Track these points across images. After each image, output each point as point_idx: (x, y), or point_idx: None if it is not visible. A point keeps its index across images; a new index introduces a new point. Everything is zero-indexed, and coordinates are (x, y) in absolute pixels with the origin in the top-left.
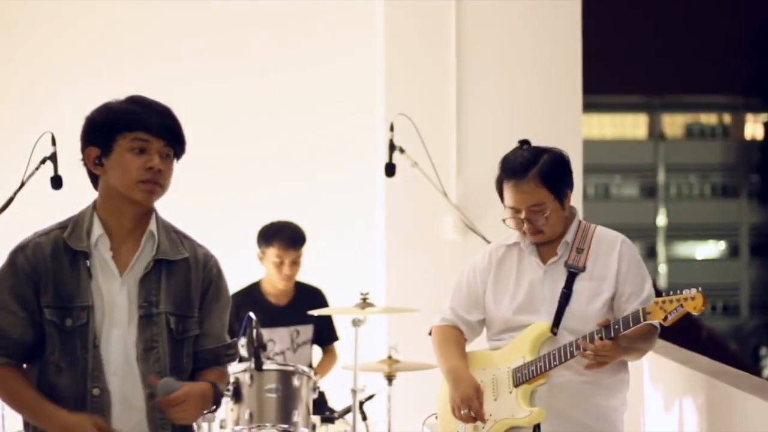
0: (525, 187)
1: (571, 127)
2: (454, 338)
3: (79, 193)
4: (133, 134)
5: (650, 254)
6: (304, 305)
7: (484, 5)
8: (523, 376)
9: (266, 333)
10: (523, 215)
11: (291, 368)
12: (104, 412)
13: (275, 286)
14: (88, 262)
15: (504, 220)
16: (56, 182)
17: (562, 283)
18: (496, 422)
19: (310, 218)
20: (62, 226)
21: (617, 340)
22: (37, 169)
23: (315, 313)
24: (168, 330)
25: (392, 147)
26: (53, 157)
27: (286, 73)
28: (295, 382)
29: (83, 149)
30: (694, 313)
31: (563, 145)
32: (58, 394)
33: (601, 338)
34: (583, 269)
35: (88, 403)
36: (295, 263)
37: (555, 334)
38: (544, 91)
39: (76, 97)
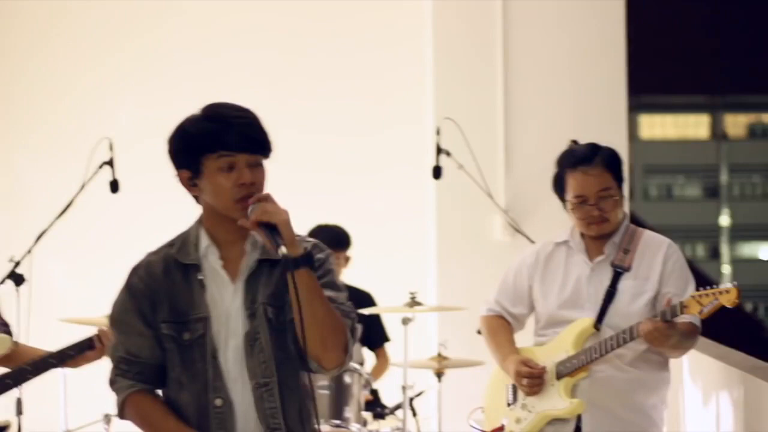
0: (593, 171)
1: (617, 128)
2: (502, 328)
3: (135, 197)
4: (217, 154)
5: (713, 255)
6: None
7: (530, 8)
8: (565, 369)
9: None
10: (591, 201)
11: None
12: (227, 423)
13: None
14: (199, 274)
15: (571, 211)
16: (113, 186)
17: (607, 282)
18: (538, 414)
19: (360, 221)
20: (170, 244)
21: (669, 327)
22: (95, 173)
23: (365, 312)
24: (267, 320)
25: (439, 150)
26: (111, 162)
27: (336, 78)
28: (347, 379)
29: (176, 171)
30: (729, 306)
31: (610, 146)
32: (181, 410)
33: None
34: (629, 269)
35: (211, 415)
36: (341, 266)
37: (598, 330)
38: (590, 93)
39: (133, 105)
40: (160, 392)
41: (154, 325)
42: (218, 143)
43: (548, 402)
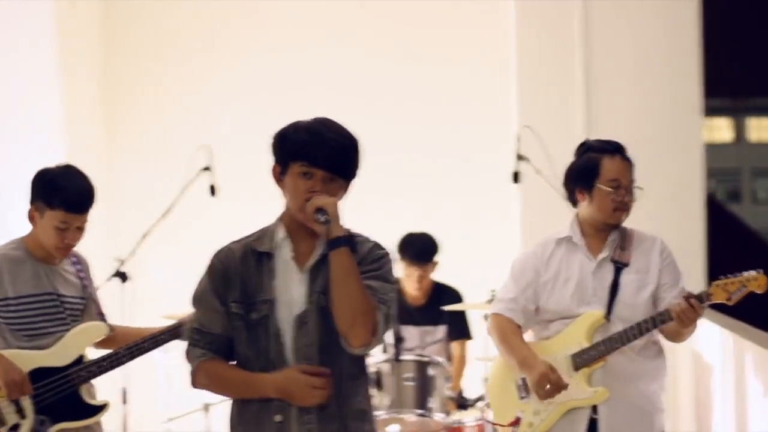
0: (627, 163)
1: (693, 132)
2: (511, 330)
3: (233, 201)
4: (300, 163)
5: None
6: (438, 305)
7: (609, 18)
8: (583, 361)
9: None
10: (624, 186)
11: (427, 359)
12: (285, 403)
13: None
14: (271, 262)
15: (604, 195)
16: (212, 190)
17: (610, 276)
18: (558, 405)
19: (446, 223)
20: (251, 235)
21: (700, 308)
22: (195, 178)
23: (449, 308)
24: (318, 307)
25: (519, 156)
26: (210, 168)
27: (422, 86)
28: (431, 371)
29: (273, 163)
30: (759, 292)
31: (686, 150)
32: None
33: (688, 302)
34: (628, 264)
35: (272, 425)
36: (422, 277)
37: (608, 321)
38: (667, 99)
39: (231, 113)
40: None
41: (226, 304)
42: (305, 155)
43: (570, 392)
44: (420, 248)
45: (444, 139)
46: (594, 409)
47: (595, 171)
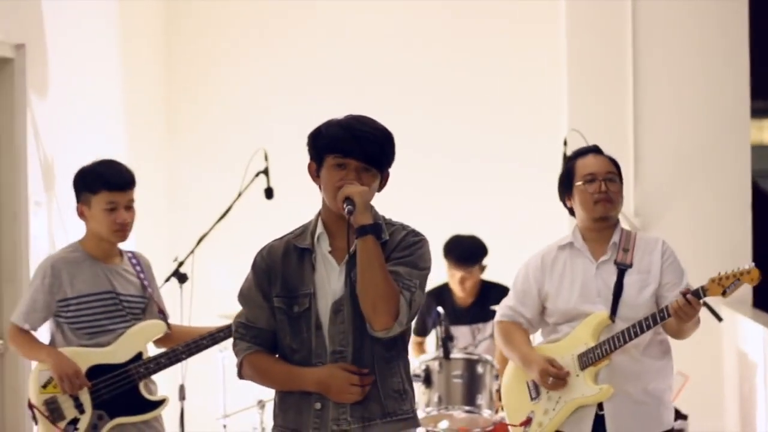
0: (602, 158)
1: (741, 135)
2: (515, 330)
3: (288, 203)
4: (334, 155)
5: None
6: (488, 303)
7: (658, 22)
8: (588, 360)
9: (451, 330)
10: (600, 178)
11: (475, 357)
12: (323, 424)
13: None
14: (311, 257)
15: (581, 192)
16: (268, 193)
17: (613, 278)
18: (566, 403)
19: (496, 226)
20: (292, 232)
21: (697, 304)
22: (252, 181)
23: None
24: (353, 295)
25: (566, 159)
26: (266, 171)
27: (471, 91)
28: (479, 369)
29: (309, 161)
30: (751, 285)
31: (733, 152)
32: None
33: (685, 298)
34: (631, 265)
35: (312, 412)
36: (464, 279)
37: (613, 321)
38: (715, 100)
39: (286, 118)
40: None
41: (270, 299)
42: (337, 147)
43: (576, 391)
44: (463, 251)
45: (495, 141)
46: (600, 405)
47: (572, 173)
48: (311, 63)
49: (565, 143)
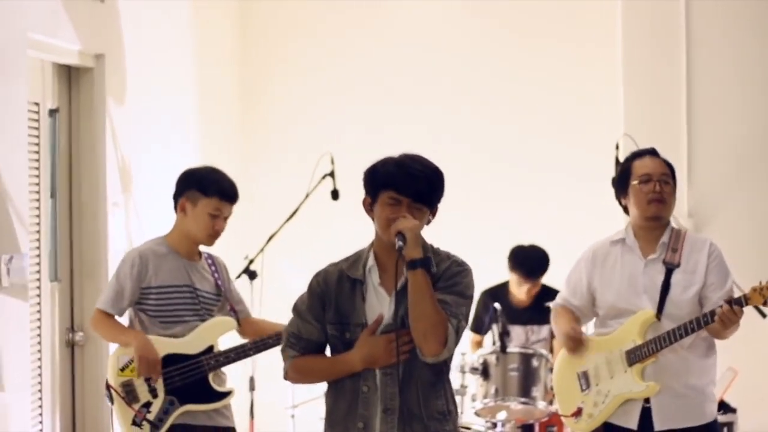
0: (658, 160)
1: None
2: (565, 314)
3: (354, 205)
4: (388, 192)
5: None
6: (543, 306)
7: (712, 25)
8: (636, 357)
9: None
10: (655, 179)
11: (531, 351)
12: (370, 404)
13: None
14: (362, 288)
15: (636, 192)
16: (334, 195)
17: (661, 277)
18: (615, 397)
19: (552, 230)
20: (348, 259)
21: (740, 311)
22: (319, 183)
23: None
24: (400, 325)
25: (617, 163)
26: (332, 174)
27: (528, 97)
28: (534, 363)
29: (364, 196)
30: None
31: None
32: (341, 390)
33: (730, 306)
34: (678, 265)
35: (360, 397)
36: (532, 289)
37: (659, 320)
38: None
39: (352, 122)
40: None
41: (322, 322)
42: (392, 184)
43: (624, 386)
44: (530, 266)
45: (550, 147)
46: (647, 398)
47: (628, 173)
48: (377, 69)
49: (617, 147)
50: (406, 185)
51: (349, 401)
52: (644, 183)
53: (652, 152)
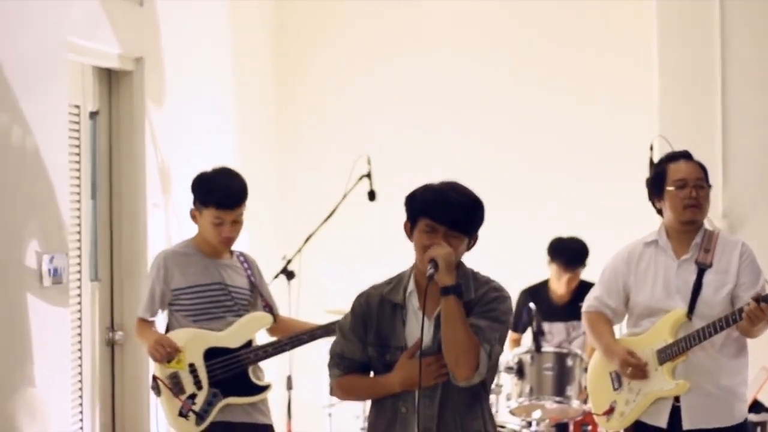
0: (693, 164)
1: None
2: (601, 321)
3: (390, 205)
4: (426, 220)
5: None
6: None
7: (746, 28)
8: (666, 356)
9: (546, 326)
10: (691, 184)
11: (565, 351)
12: (408, 425)
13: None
14: (402, 312)
15: (671, 197)
16: (371, 196)
17: (693, 277)
18: (646, 395)
19: (592, 227)
20: (389, 282)
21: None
22: (356, 184)
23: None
24: (438, 348)
25: (652, 164)
26: (369, 175)
27: (565, 97)
28: (569, 362)
29: (406, 219)
30: None
31: None
32: (381, 410)
33: (758, 303)
34: (711, 265)
35: (399, 417)
36: (572, 280)
37: (690, 319)
38: None
39: (389, 123)
40: None
41: (364, 342)
42: (429, 212)
43: (655, 384)
44: (570, 255)
45: (588, 147)
46: (677, 397)
47: (663, 177)
48: (413, 71)
49: (651, 148)
50: (442, 214)
51: (389, 420)
52: (680, 188)
53: (687, 155)
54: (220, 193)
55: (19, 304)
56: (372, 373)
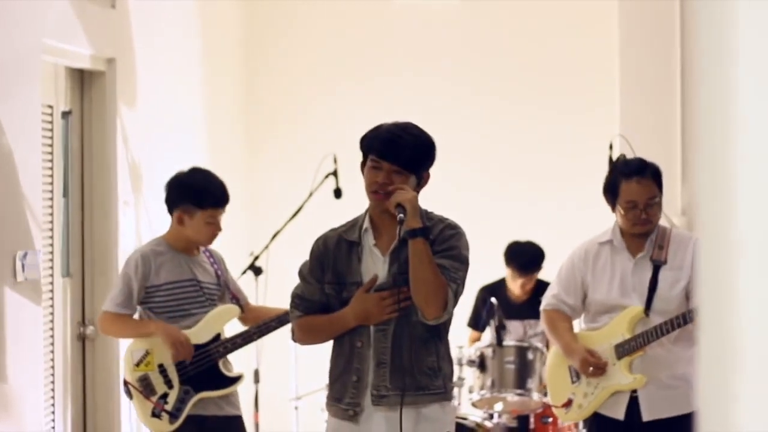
0: (645, 182)
1: None
2: (560, 318)
3: (356, 203)
4: (372, 157)
5: None
6: (540, 301)
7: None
8: (624, 351)
9: None
10: (641, 207)
11: (526, 345)
12: (363, 359)
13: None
14: (358, 249)
15: (622, 213)
16: (337, 193)
17: (648, 274)
18: (604, 389)
19: (548, 227)
20: (345, 225)
21: None
22: (322, 183)
23: None
24: (393, 283)
25: (610, 163)
26: (335, 173)
27: (526, 94)
28: (530, 356)
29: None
30: None
31: None
32: (340, 346)
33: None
34: (665, 262)
35: (355, 352)
36: (526, 284)
37: (647, 315)
38: None
39: (355, 122)
40: None
41: (322, 282)
42: (373, 150)
43: (613, 378)
44: (525, 260)
45: (547, 145)
46: (634, 390)
47: (615, 192)
48: (381, 69)
49: (611, 147)
50: (386, 151)
51: (347, 357)
52: (630, 210)
53: (640, 170)
54: (216, 193)
55: None
56: (331, 309)
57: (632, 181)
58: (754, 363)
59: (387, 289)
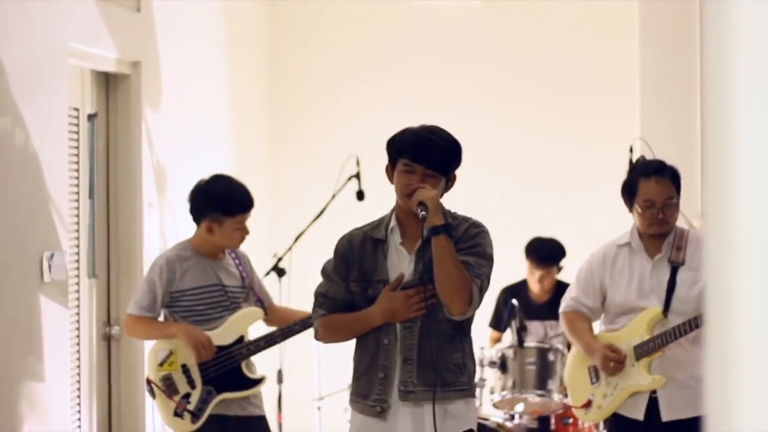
0: (664, 182)
1: None
2: (579, 319)
3: (378, 205)
4: (404, 160)
5: None
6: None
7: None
8: (643, 351)
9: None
10: (658, 206)
11: (547, 346)
12: (391, 356)
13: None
14: (384, 247)
15: (639, 212)
16: (360, 195)
17: (667, 275)
18: (623, 390)
19: (571, 229)
20: (371, 223)
21: None
22: (345, 184)
23: None
24: (419, 281)
25: (630, 165)
26: (357, 175)
27: (549, 97)
28: (551, 357)
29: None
30: None
31: None
32: (365, 344)
33: None
34: (683, 263)
35: (381, 349)
36: (543, 278)
37: (666, 317)
38: None
39: (378, 124)
40: None
41: (347, 281)
42: (406, 153)
43: (632, 379)
44: (544, 252)
45: (570, 149)
46: (653, 390)
47: (633, 192)
48: (403, 73)
49: (631, 150)
50: (420, 154)
51: (372, 354)
52: (647, 208)
53: (659, 170)
54: (242, 198)
55: (21, 299)
56: (357, 307)
57: (651, 180)
58: (755, 363)
59: (413, 286)
